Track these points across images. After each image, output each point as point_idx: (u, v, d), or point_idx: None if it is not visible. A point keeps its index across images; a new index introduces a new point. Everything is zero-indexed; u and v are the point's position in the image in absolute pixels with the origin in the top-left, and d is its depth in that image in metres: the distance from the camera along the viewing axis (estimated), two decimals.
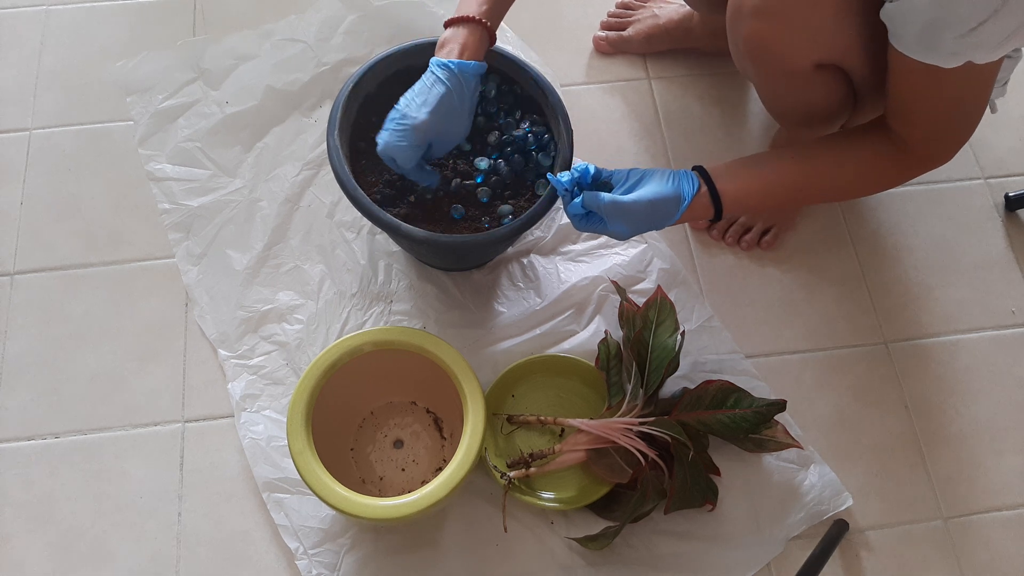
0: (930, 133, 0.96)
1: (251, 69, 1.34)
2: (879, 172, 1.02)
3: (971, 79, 0.88)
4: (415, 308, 1.17)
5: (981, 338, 1.21)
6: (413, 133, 0.97)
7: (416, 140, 0.98)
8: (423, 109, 0.97)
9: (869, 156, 1.00)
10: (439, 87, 0.97)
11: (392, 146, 0.98)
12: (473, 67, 0.99)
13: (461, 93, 0.99)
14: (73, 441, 1.11)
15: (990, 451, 1.14)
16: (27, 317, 1.18)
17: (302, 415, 0.98)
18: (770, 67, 1.02)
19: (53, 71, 1.36)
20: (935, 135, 0.97)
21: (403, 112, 0.98)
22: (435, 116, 0.97)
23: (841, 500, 1.08)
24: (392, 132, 0.98)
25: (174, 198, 1.25)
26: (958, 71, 0.85)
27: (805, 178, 1.02)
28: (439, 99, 0.97)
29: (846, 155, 1.01)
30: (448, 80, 0.97)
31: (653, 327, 1.08)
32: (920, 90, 0.91)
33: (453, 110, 0.99)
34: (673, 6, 1.39)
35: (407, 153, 0.98)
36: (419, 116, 0.97)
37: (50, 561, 1.04)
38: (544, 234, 1.23)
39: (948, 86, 0.89)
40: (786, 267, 1.25)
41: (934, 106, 0.93)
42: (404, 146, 0.98)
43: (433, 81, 0.98)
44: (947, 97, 0.92)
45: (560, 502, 1.05)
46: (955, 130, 0.97)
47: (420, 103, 0.98)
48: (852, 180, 1.03)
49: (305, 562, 1.02)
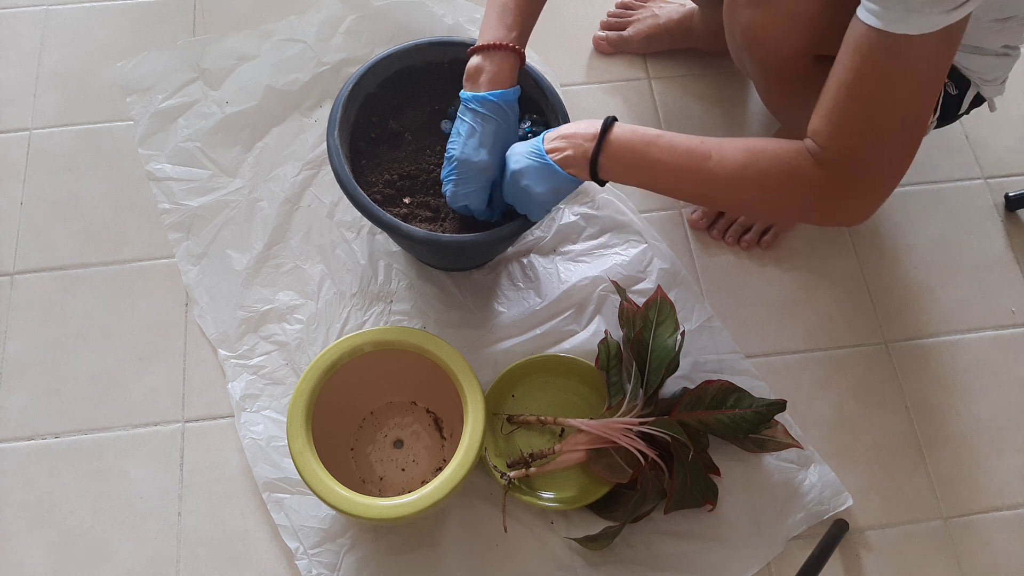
0: (860, 146, 0.82)
1: (251, 69, 1.34)
2: (783, 181, 0.87)
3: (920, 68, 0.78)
4: (415, 308, 1.17)
5: (981, 338, 1.21)
6: (480, 176, 0.98)
7: (484, 182, 0.99)
8: (481, 151, 0.98)
9: (778, 162, 0.86)
10: (489, 124, 0.97)
11: (462, 195, 0.99)
12: (513, 94, 0.99)
13: (508, 122, 0.99)
14: (73, 441, 1.11)
15: (990, 451, 1.14)
16: (27, 317, 1.18)
17: (302, 415, 0.98)
18: (767, 59, 1.02)
19: (53, 71, 1.36)
20: (865, 150, 0.82)
21: (461, 159, 0.98)
22: (494, 154, 0.98)
23: (841, 500, 1.08)
24: (457, 181, 0.99)
25: (174, 198, 1.25)
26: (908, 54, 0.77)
27: (697, 158, 0.90)
28: (493, 136, 0.97)
29: (753, 151, 0.88)
30: (495, 114, 0.98)
31: (653, 327, 1.08)
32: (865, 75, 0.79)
33: (508, 142, 1.00)
34: (673, 6, 1.39)
35: (478, 196, 1.00)
36: (480, 158, 0.98)
37: (50, 561, 1.04)
38: (544, 234, 1.23)
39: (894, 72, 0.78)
40: (786, 267, 1.25)
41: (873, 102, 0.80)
42: (473, 191, 0.99)
43: (481, 119, 0.97)
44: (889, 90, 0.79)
45: (560, 502, 1.05)
46: (888, 147, 0.82)
47: (476, 145, 0.98)
48: (749, 182, 0.88)
49: (305, 562, 1.03)
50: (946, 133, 1.34)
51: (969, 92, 1.06)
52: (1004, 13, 0.93)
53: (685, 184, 0.94)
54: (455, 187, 0.99)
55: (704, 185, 0.91)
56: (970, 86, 1.05)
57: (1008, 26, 0.96)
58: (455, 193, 1.00)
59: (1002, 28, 0.96)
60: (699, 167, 0.90)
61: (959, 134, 1.35)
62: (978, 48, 0.99)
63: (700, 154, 0.90)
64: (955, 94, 1.06)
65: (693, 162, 0.90)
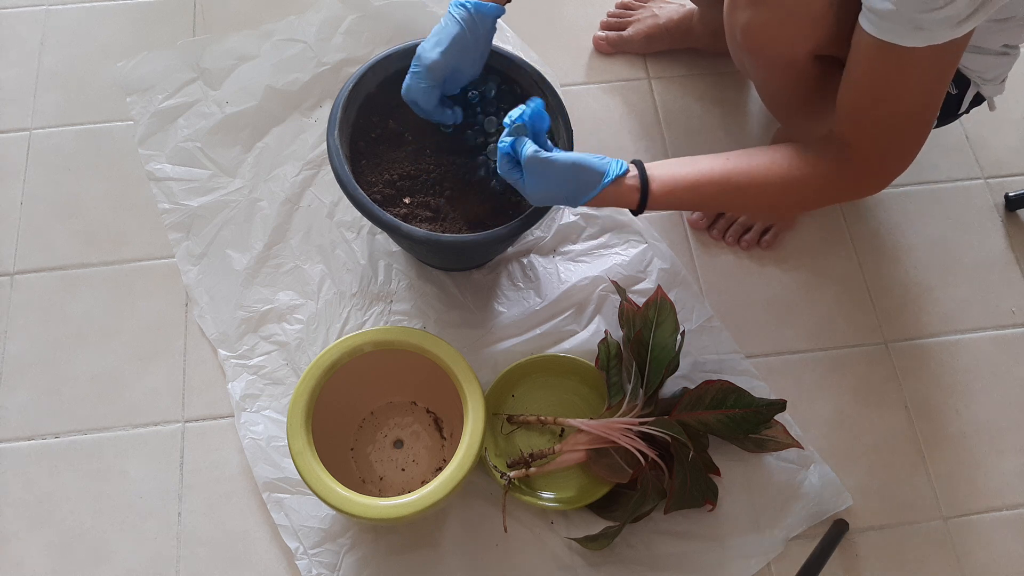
0: (879, 138, 0.92)
1: (251, 69, 1.34)
2: (815, 180, 0.96)
3: (928, 73, 0.87)
4: (415, 308, 1.18)
5: (981, 338, 1.21)
6: (427, 74, 1.01)
7: (431, 81, 1.01)
8: (436, 50, 1.00)
9: (806, 163, 0.95)
10: (453, 27, 1.00)
11: (410, 89, 1.02)
12: (490, 8, 1.01)
13: (475, 32, 1.01)
14: (73, 441, 1.11)
15: (990, 451, 1.14)
16: (27, 317, 1.18)
17: (302, 415, 0.98)
18: (767, 59, 1.02)
19: (53, 71, 1.36)
20: (884, 141, 0.93)
21: (419, 55, 1.01)
22: (447, 55, 1.00)
23: (841, 500, 1.08)
24: (410, 75, 1.02)
25: (174, 198, 1.25)
26: (917, 62, 0.84)
27: (735, 175, 0.96)
28: (452, 39, 1.00)
29: (782, 158, 0.96)
30: (463, 20, 1.00)
31: (653, 327, 1.08)
32: (877, 80, 0.88)
33: (466, 49, 1.01)
34: (673, 6, 1.39)
35: (425, 95, 1.02)
36: (431, 56, 1.00)
37: (50, 561, 1.04)
38: (544, 234, 1.23)
39: (905, 78, 0.86)
40: (786, 267, 1.25)
41: (887, 103, 0.90)
42: (422, 88, 1.01)
43: (448, 21, 1.01)
44: (902, 93, 0.88)
45: (560, 502, 1.05)
46: (904, 138, 0.93)
47: (433, 44, 1.01)
48: (784, 185, 0.96)
49: (305, 562, 1.03)
50: (946, 133, 1.34)
51: (969, 91, 1.06)
52: (1004, 13, 0.93)
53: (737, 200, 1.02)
54: (408, 80, 1.02)
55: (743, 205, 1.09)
56: (970, 85, 1.05)
57: (1008, 26, 0.96)
58: (407, 86, 1.03)
59: (1002, 28, 0.96)
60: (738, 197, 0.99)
61: (959, 134, 1.35)
62: (978, 48, 1.00)
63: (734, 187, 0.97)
64: (955, 93, 1.06)
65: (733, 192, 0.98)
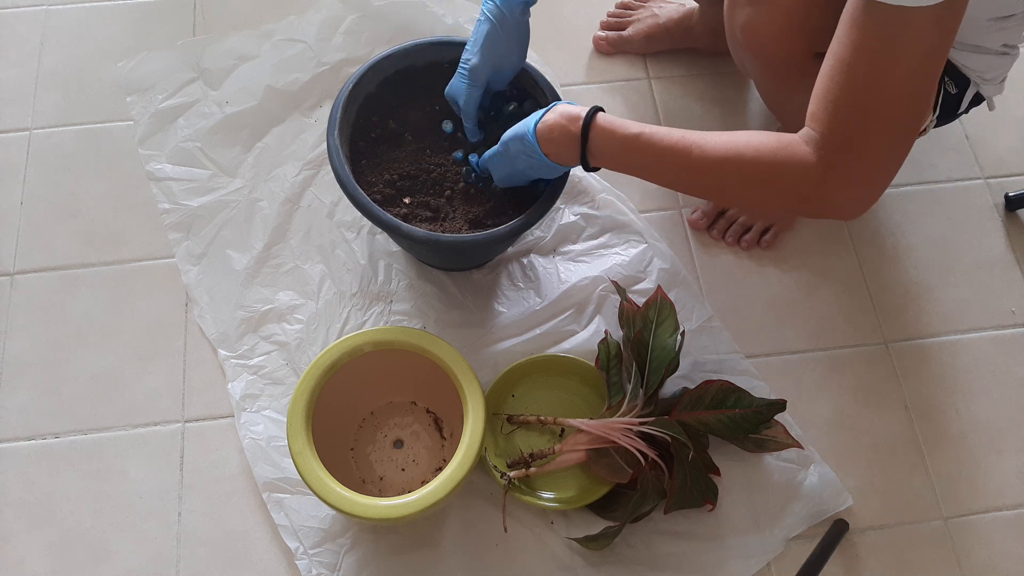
0: (853, 128, 0.80)
1: (251, 69, 1.34)
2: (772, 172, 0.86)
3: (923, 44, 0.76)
4: (415, 308, 1.18)
5: (981, 338, 1.21)
6: (470, 75, 1.04)
7: (472, 81, 1.05)
8: (473, 50, 1.04)
9: (763, 144, 0.86)
10: (483, 25, 1.03)
11: (453, 87, 1.06)
12: (517, 2, 1.02)
13: (506, 25, 1.03)
14: (73, 441, 1.11)
15: (990, 451, 1.14)
16: (27, 317, 1.18)
17: (302, 415, 0.98)
18: (768, 57, 1.02)
19: (53, 71, 1.36)
20: (859, 133, 0.80)
21: (463, 58, 1.05)
22: (483, 55, 1.03)
23: (841, 500, 1.08)
24: (456, 75, 1.06)
25: (174, 198, 1.25)
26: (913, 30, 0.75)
27: (685, 138, 0.90)
28: (484, 37, 1.03)
29: (741, 141, 0.87)
30: (493, 15, 1.02)
31: (653, 327, 1.08)
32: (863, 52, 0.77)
33: (497, 43, 1.04)
34: (673, 6, 1.39)
35: (464, 93, 1.05)
36: (471, 59, 1.04)
37: (50, 561, 1.04)
38: (544, 234, 1.23)
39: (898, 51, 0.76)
40: (786, 267, 1.25)
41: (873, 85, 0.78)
42: (463, 86, 1.05)
43: (480, 21, 1.04)
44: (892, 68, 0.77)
45: (560, 502, 1.05)
46: (887, 137, 0.80)
47: (471, 45, 1.05)
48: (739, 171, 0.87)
49: (305, 562, 1.03)
50: (946, 133, 1.34)
51: (968, 91, 1.06)
52: (1003, 12, 0.93)
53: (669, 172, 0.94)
54: (453, 80, 1.07)
55: (689, 175, 0.92)
56: (969, 85, 1.05)
57: (1007, 25, 0.96)
58: (451, 85, 1.07)
59: (1001, 27, 0.96)
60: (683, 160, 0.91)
61: (959, 134, 1.36)
62: (977, 47, 1.00)
63: (682, 148, 0.91)
64: (954, 93, 1.06)
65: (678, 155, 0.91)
